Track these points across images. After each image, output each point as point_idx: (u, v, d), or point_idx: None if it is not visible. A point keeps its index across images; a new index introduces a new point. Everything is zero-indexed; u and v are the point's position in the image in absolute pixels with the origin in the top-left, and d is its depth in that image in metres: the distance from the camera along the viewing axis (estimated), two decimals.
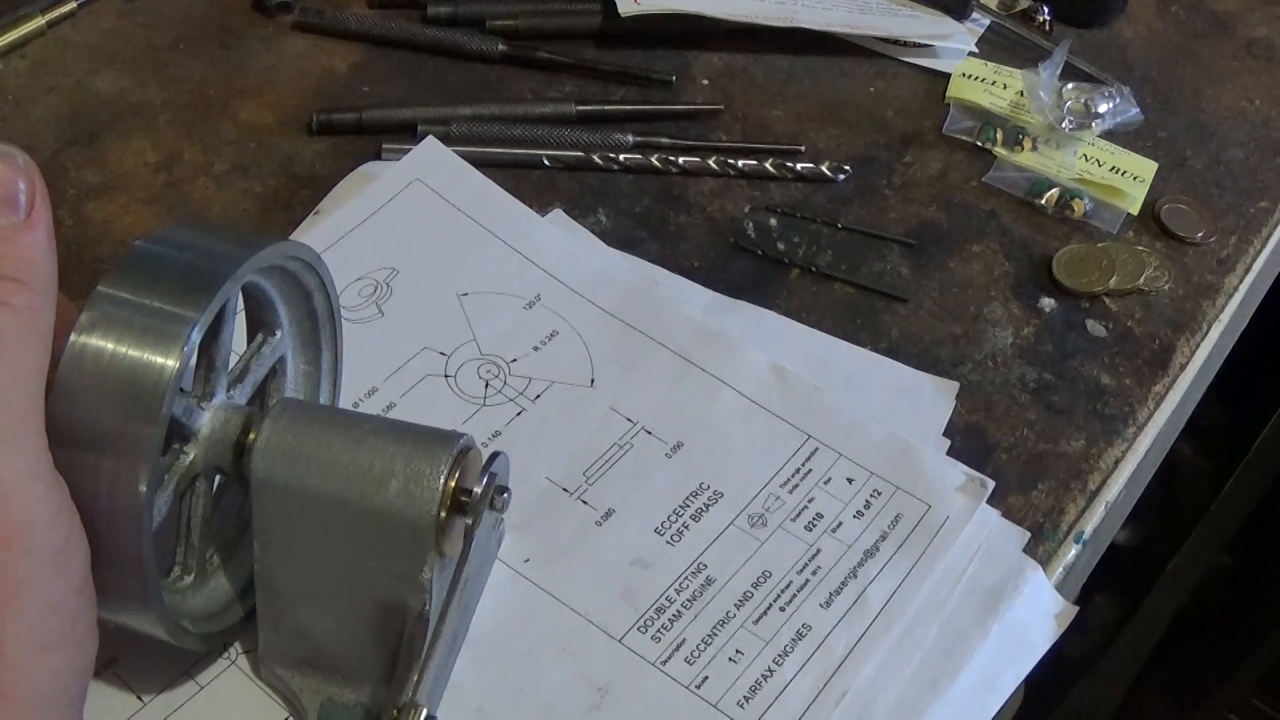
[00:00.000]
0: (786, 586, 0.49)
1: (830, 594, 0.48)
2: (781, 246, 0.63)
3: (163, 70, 0.68)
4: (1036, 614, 0.49)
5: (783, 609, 0.48)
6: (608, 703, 0.45)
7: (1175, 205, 0.67)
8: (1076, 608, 0.50)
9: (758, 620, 0.48)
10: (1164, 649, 1.19)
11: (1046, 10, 0.77)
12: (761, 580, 0.49)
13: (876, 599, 0.48)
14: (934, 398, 0.56)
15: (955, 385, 0.57)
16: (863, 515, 0.51)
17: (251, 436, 0.41)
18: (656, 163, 0.65)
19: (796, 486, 0.51)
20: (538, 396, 0.54)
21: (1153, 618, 1.18)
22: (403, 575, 0.42)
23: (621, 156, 0.65)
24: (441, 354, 0.55)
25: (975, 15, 0.76)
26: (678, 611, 0.48)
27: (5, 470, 0.33)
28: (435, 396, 0.53)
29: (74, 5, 0.70)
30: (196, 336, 0.37)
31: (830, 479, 0.52)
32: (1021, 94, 0.71)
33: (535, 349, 0.55)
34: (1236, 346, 0.68)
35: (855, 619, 0.48)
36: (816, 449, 0.53)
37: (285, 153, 0.65)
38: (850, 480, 0.52)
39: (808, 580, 0.49)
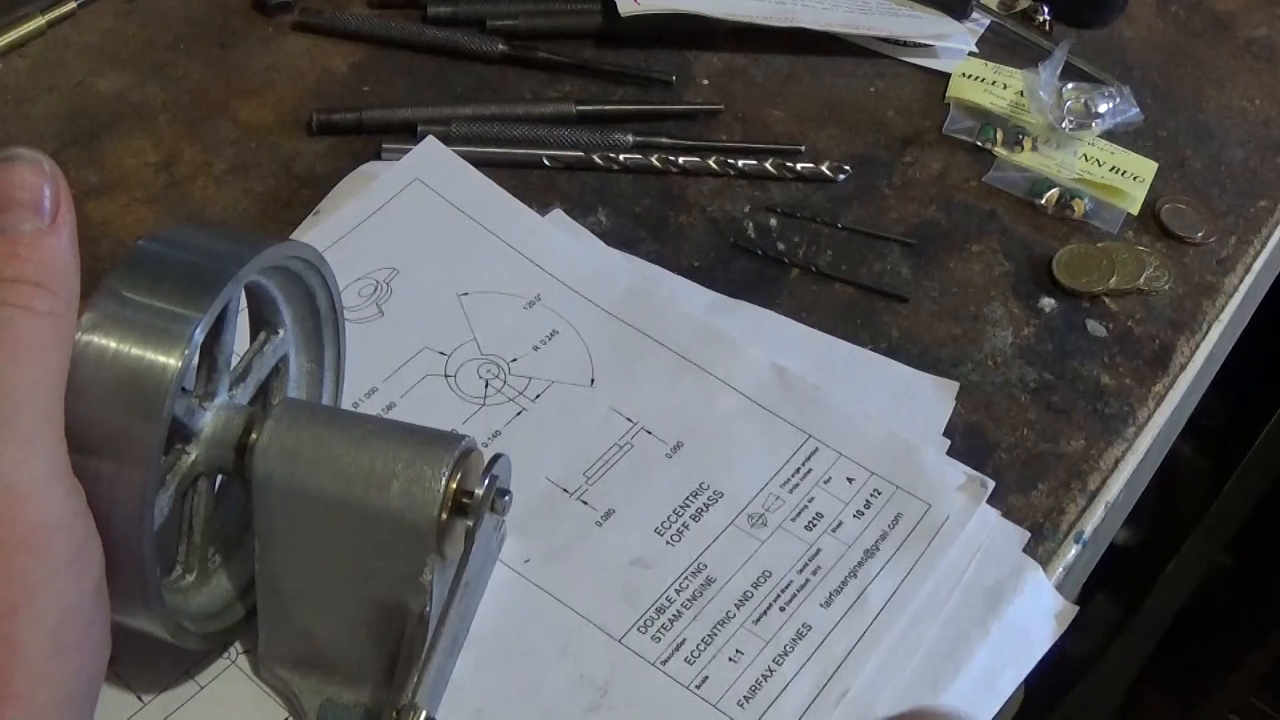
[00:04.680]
0: (786, 586, 0.49)
1: (830, 594, 0.48)
2: (781, 246, 0.63)
3: (163, 70, 0.68)
4: (1036, 614, 0.49)
5: (783, 609, 0.48)
6: (608, 702, 0.45)
7: (1175, 205, 0.67)
8: (1076, 607, 0.50)
9: (758, 620, 0.48)
10: (1164, 649, 1.19)
11: (1046, 10, 0.77)
12: (761, 580, 0.49)
13: (876, 599, 0.48)
14: (934, 398, 0.56)
15: (955, 385, 0.57)
16: (863, 515, 0.51)
17: (253, 437, 0.41)
18: (656, 163, 0.65)
19: (796, 486, 0.51)
20: (538, 396, 0.54)
21: (1153, 618, 1.18)
22: (403, 576, 0.42)
23: (621, 156, 0.65)
24: (441, 354, 0.55)
25: (975, 15, 0.76)
26: (678, 611, 0.48)
27: (24, 473, 0.34)
28: (435, 396, 0.53)
29: (74, 5, 0.70)
30: (199, 336, 0.37)
31: (830, 479, 0.52)
32: (1021, 94, 0.71)
33: (535, 349, 0.55)
34: (1236, 346, 0.68)
35: (855, 619, 0.48)
36: (816, 449, 0.53)
37: (285, 153, 0.65)
38: (850, 480, 0.52)
39: (808, 580, 0.49)
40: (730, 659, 0.46)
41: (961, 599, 0.49)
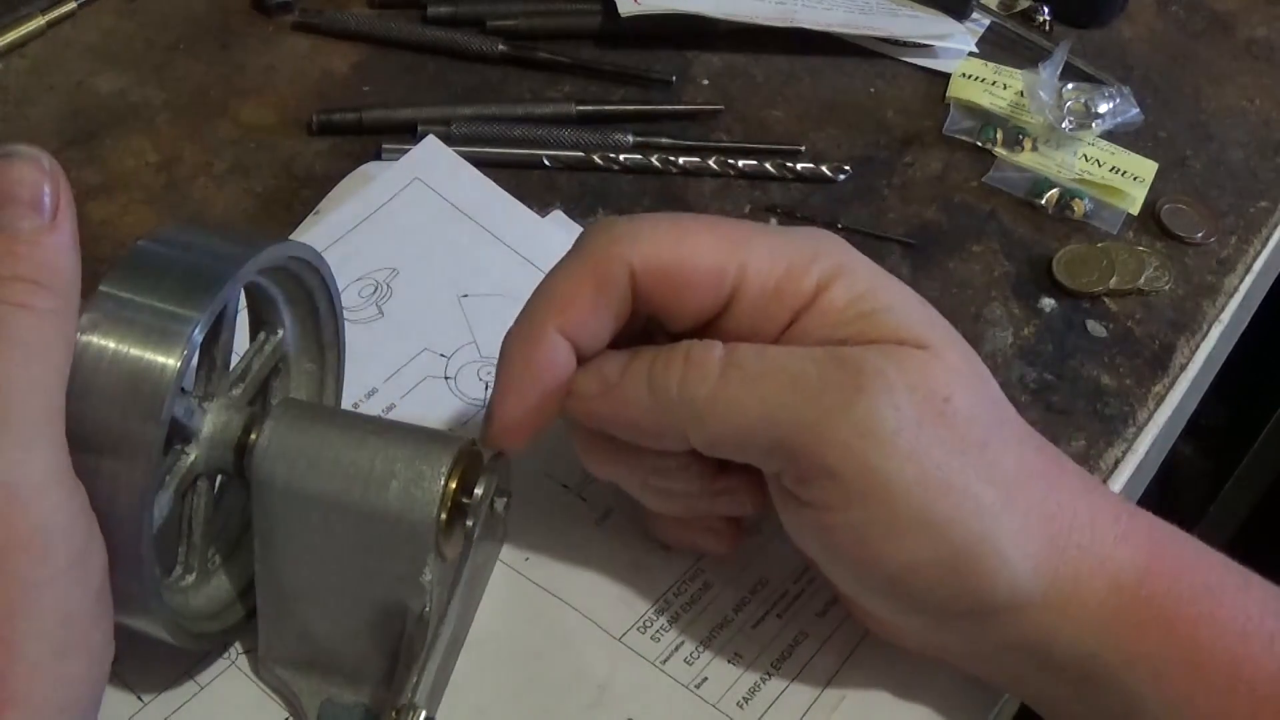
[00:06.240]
0: (783, 595, 0.48)
1: (825, 604, 0.48)
2: None
3: (163, 70, 0.68)
4: None
5: (779, 616, 0.48)
6: (607, 699, 0.45)
7: (1175, 205, 0.67)
8: None
9: (755, 625, 0.47)
10: None
11: (1046, 10, 0.77)
12: (759, 587, 0.49)
13: None
14: None
15: None
16: None
17: (253, 437, 0.41)
18: (656, 163, 0.65)
19: None
20: None
21: None
22: (403, 576, 0.42)
23: (621, 156, 0.65)
24: (442, 356, 0.55)
25: (975, 15, 0.76)
26: (676, 613, 0.48)
27: (23, 475, 0.33)
28: (435, 398, 0.53)
29: (74, 5, 0.70)
30: (198, 336, 0.37)
31: None
32: (1021, 94, 0.71)
33: None
34: (1236, 346, 0.68)
35: (852, 626, 0.47)
36: None
37: (285, 153, 0.65)
38: None
39: (804, 589, 0.49)
40: (729, 661, 0.46)
41: None
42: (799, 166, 0.66)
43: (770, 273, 0.41)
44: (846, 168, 0.66)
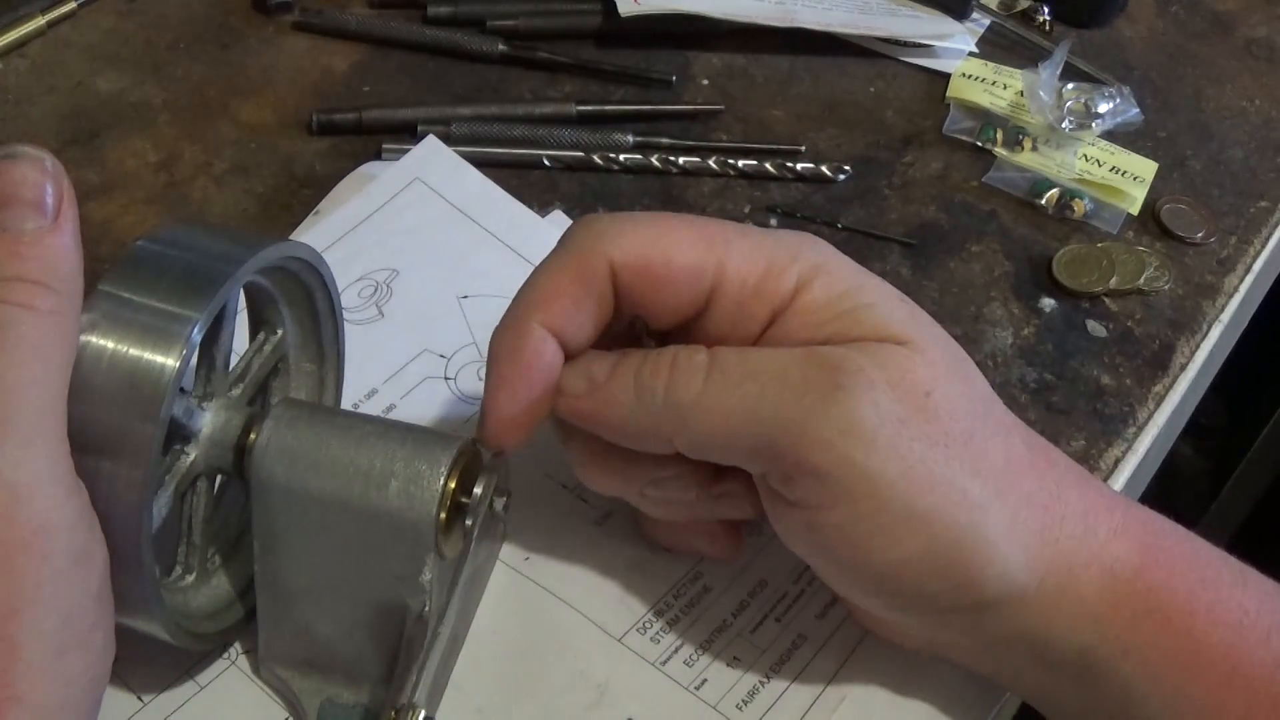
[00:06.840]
0: (782, 597, 0.48)
1: (825, 606, 0.48)
2: None
3: (163, 70, 0.68)
4: None
5: (779, 619, 0.48)
6: (607, 699, 0.45)
7: (1175, 205, 0.67)
8: None
9: (754, 629, 0.47)
10: None
11: (1046, 10, 0.77)
12: (758, 590, 0.49)
13: None
14: None
15: None
16: None
17: (252, 437, 0.41)
18: (656, 163, 0.65)
19: None
20: None
21: None
22: (402, 576, 0.42)
23: (621, 156, 0.65)
24: (441, 356, 0.55)
25: (975, 15, 0.76)
26: (675, 616, 0.47)
27: (25, 474, 0.33)
28: (435, 399, 0.53)
29: (74, 5, 0.70)
30: (197, 336, 0.37)
31: None
32: (1021, 94, 0.71)
33: None
34: (1236, 346, 0.68)
35: (851, 627, 0.47)
36: None
37: (285, 153, 0.65)
38: None
39: (803, 591, 0.49)
40: (729, 664, 0.46)
41: None
42: (799, 166, 0.66)
43: (750, 272, 0.41)
44: (846, 168, 0.66)
